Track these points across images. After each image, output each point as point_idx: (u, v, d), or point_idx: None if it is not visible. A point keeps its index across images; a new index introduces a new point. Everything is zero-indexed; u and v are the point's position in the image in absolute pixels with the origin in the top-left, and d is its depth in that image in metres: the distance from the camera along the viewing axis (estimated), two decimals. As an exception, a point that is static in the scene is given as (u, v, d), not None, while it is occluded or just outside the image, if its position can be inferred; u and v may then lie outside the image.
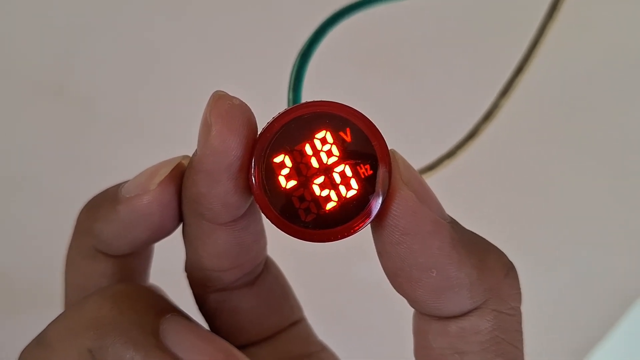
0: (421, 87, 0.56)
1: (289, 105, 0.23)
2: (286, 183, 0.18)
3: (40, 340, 0.21)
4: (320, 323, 0.26)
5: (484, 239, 0.20)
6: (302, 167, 0.18)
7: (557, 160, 0.59)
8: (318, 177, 0.18)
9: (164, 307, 0.20)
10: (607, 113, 0.58)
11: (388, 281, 0.20)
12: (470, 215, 0.24)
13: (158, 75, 0.55)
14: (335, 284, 0.58)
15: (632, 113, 0.58)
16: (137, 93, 0.56)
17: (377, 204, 0.18)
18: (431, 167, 0.34)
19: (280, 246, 0.24)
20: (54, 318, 0.21)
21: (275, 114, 0.19)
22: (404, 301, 0.20)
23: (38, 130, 0.57)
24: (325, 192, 0.18)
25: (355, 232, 0.19)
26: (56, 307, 0.23)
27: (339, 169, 0.18)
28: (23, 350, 0.21)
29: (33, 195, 0.57)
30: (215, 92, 0.19)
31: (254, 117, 0.19)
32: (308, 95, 0.23)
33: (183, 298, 0.22)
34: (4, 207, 0.59)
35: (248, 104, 0.19)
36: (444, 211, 0.19)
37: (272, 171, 0.18)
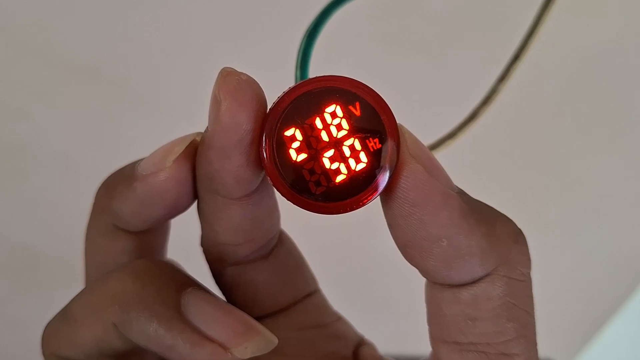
0: (424, 70, 0.55)
1: (296, 82, 0.22)
2: (297, 156, 0.18)
3: (64, 315, 0.20)
4: (334, 296, 0.26)
5: (492, 208, 0.19)
6: (312, 141, 0.18)
7: (554, 140, 0.58)
8: (328, 151, 0.18)
9: (184, 282, 0.20)
10: (607, 93, 0.58)
11: (399, 254, 0.19)
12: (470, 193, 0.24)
13: (186, 57, 0.55)
14: (348, 258, 0.58)
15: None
16: (167, 74, 0.56)
17: (385, 177, 0.18)
18: (433, 147, 0.33)
19: (295, 221, 0.24)
20: (77, 294, 0.21)
21: (284, 89, 0.19)
22: (415, 273, 0.20)
23: (72, 109, 0.57)
24: (335, 165, 0.18)
25: (364, 204, 0.18)
26: (81, 283, 0.23)
27: (349, 142, 0.18)
28: (47, 325, 0.21)
29: (64, 173, 0.56)
30: (223, 68, 0.18)
31: (262, 91, 0.18)
32: (315, 72, 0.22)
33: (200, 273, 0.22)
34: (33, 184, 0.59)
35: (257, 81, 0.18)
36: (452, 182, 0.19)
37: (283, 144, 0.18)
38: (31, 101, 0.56)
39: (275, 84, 0.20)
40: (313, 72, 0.23)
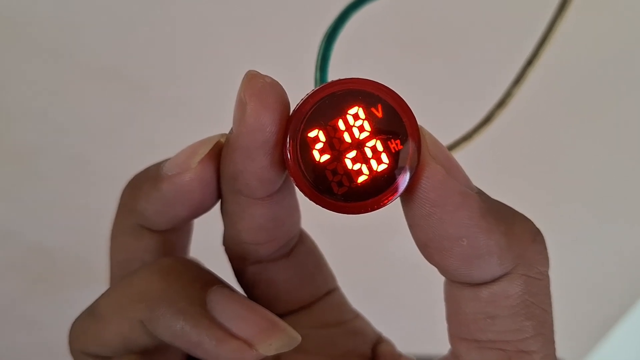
0: (439, 72, 0.55)
1: (316, 84, 0.23)
2: (320, 157, 0.18)
3: (92, 313, 0.21)
4: (353, 295, 0.26)
5: (510, 207, 0.19)
6: (335, 142, 0.18)
7: (568, 142, 0.58)
8: (350, 152, 0.18)
9: (209, 279, 0.21)
10: (621, 95, 0.57)
11: (416, 254, 0.20)
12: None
13: (206, 59, 0.55)
14: (368, 258, 0.58)
15: None
16: (188, 76, 0.56)
17: (406, 178, 0.18)
18: (449, 149, 0.34)
19: (315, 220, 0.24)
20: (99, 293, 0.21)
21: (306, 91, 0.19)
22: (432, 273, 0.20)
23: (91, 111, 0.57)
24: (357, 166, 0.18)
25: (385, 204, 0.18)
26: (99, 284, 0.23)
27: (371, 143, 0.18)
28: (75, 322, 0.21)
29: (82, 174, 0.57)
30: (248, 71, 0.18)
31: (286, 94, 0.18)
32: (334, 74, 0.23)
33: (222, 272, 0.22)
34: (51, 185, 0.59)
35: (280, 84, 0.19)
36: (471, 182, 0.19)
37: (306, 146, 0.18)
38: (50, 103, 0.57)
39: (296, 86, 0.21)
40: (332, 73, 0.23)
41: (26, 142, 0.58)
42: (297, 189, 0.19)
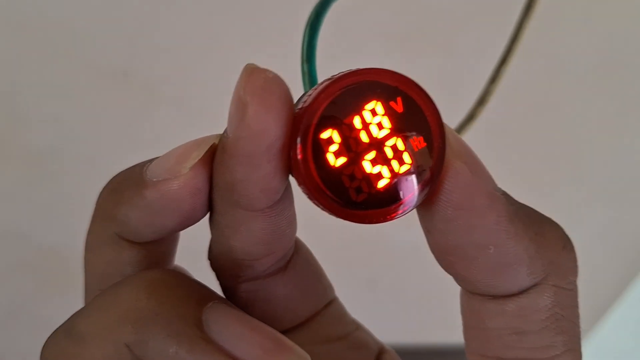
0: (423, 70, 0.54)
1: (303, 77, 0.20)
2: (335, 160, 0.15)
3: (69, 333, 0.17)
4: (355, 285, 0.23)
5: (538, 211, 0.17)
6: (351, 142, 0.15)
7: (549, 132, 0.58)
8: (369, 153, 0.15)
9: (204, 295, 0.17)
10: (588, 87, 0.57)
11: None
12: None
13: (215, 60, 0.53)
14: (369, 246, 0.57)
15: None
16: (198, 76, 0.54)
17: (431, 178, 0.15)
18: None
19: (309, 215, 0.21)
20: (83, 309, 0.18)
21: (294, 85, 0.16)
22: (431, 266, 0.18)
23: (103, 113, 0.54)
24: (376, 169, 0.15)
25: (407, 211, 0.15)
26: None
27: (391, 142, 0.15)
28: (49, 342, 0.17)
29: (93, 176, 0.55)
30: (246, 65, 0.15)
31: (289, 90, 0.15)
32: (322, 65, 0.20)
33: (208, 280, 0.19)
34: (63, 187, 0.57)
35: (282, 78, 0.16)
36: (495, 183, 0.16)
37: (319, 148, 0.15)
38: (62, 105, 0.54)
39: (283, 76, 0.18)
40: (319, 65, 0.20)
41: (37, 145, 0.56)
42: (302, 197, 0.16)
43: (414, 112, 0.15)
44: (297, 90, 0.16)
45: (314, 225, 0.26)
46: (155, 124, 0.55)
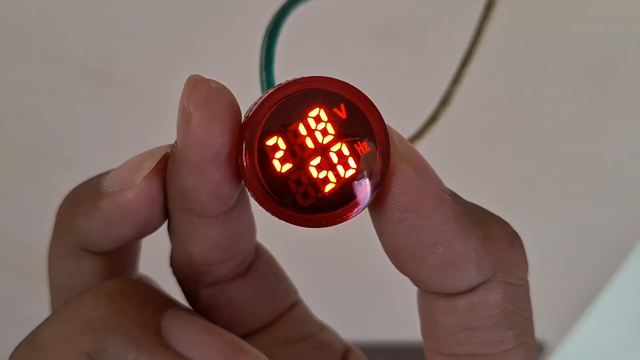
0: (386, 72, 0.54)
1: (262, 85, 0.20)
2: (281, 167, 0.15)
3: (32, 344, 0.17)
4: (336, 286, 0.23)
5: (486, 210, 0.17)
6: (296, 149, 0.15)
7: (516, 129, 0.58)
8: (314, 158, 0.15)
9: (163, 302, 0.17)
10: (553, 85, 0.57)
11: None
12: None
13: (195, 58, 0.53)
14: (346, 247, 0.57)
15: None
16: (179, 75, 0.53)
17: (376, 182, 0.16)
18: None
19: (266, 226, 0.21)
20: (46, 319, 0.18)
21: (252, 95, 0.16)
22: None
23: (82, 111, 0.54)
24: (322, 174, 0.15)
25: (355, 213, 0.16)
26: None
27: (335, 147, 0.15)
28: (15, 353, 0.17)
29: (73, 174, 0.54)
30: (190, 77, 0.15)
31: (235, 99, 0.15)
32: (280, 73, 0.20)
33: (175, 287, 0.19)
34: (44, 185, 0.56)
35: (228, 88, 0.16)
36: (443, 184, 0.17)
37: (265, 155, 0.15)
38: (42, 103, 0.54)
39: (239, 89, 0.18)
40: (278, 73, 0.20)
41: (19, 143, 0.55)
42: (256, 203, 0.16)
43: (358, 118, 0.15)
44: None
45: (285, 228, 0.26)
46: (135, 123, 0.55)
